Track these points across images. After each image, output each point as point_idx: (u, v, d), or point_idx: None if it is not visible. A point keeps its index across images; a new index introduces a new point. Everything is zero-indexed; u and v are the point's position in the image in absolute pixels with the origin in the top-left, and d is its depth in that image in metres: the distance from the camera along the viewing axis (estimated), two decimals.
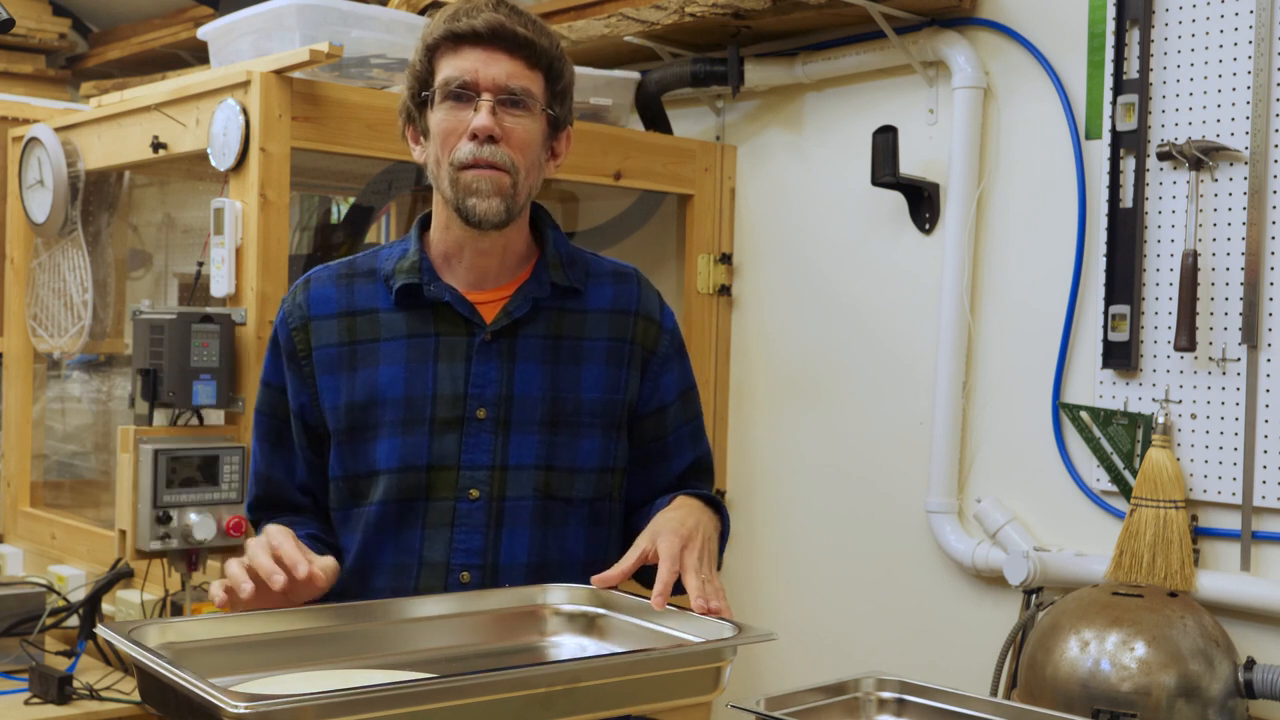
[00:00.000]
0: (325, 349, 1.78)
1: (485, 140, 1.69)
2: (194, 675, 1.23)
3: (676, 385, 1.87)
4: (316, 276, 1.83)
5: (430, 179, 1.76)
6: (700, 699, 1.49)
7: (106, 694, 2.48)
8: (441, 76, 1.71)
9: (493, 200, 1.70)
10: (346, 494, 1.77)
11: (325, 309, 1.79)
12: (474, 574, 1.72)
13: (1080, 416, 2.66)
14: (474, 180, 1.69)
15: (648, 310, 1.86)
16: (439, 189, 1.74)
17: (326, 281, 1.82)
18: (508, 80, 1.70)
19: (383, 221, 3.78)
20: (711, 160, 3.26)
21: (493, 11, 1.70)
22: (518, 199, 1.73)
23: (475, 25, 1.69)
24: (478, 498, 1.73)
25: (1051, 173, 2.73)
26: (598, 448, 1.78)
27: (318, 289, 1.81)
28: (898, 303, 2.99)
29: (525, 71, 1.72)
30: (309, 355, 1.78)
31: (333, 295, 1.80)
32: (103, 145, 2.94)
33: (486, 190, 1.70)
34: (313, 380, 1.78)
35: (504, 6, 1.72)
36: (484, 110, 1.69)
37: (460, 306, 1.76)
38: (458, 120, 1.70)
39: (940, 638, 2.88)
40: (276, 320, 1.82)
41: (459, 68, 1.70)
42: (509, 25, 1.70)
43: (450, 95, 1.71)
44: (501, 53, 1.70)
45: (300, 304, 1.80)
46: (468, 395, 1.74)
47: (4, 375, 3.32)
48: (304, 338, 1.78)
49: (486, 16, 1.70)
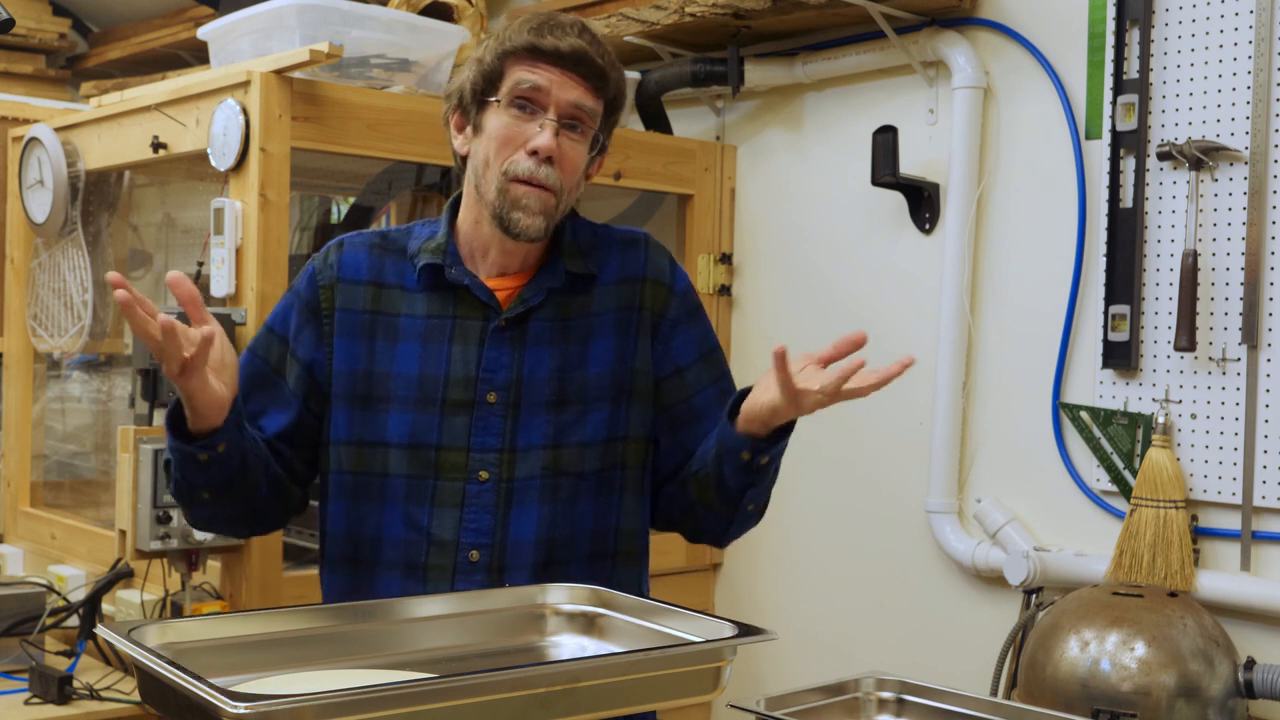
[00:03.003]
0: (348, 313, 1.81)
1: (544, 160, 1.72)
2: (194, 675, 1.23)
3: (695, 347, 1.88)
4: (350, 241, 1.87)
5: (470, 174, 1.78)
6: (700, 699, 1.49)
7: (106, 694, 2.48)
8: (512, 83, 1.73)
9: (537, 219, 1.74)
10: (351, 459, 1.80)
11: (355, 274, 1.83)
12: (483, 552, 1.75)
13: (1080, 416, 2.66)
14: (524, 196, 1.73)
15: (656, 274, 1.87)
16: (481, 190, 1.76)
17: (360, 247, 1.85)
18: (577, 106, 1.73)
19: (383, 221, 3.78)
20: (711, 160, 3.26)
21: (578, 37, 1.73)
22: (555, 218, 1.77)
23: (560, 46, 1.72)
24: (487, 479, 1.76)
25: (1051, 173, 2.73)
26: (605, 419, 1.80)
27: (350, 253, 1.84)
28: (898, 303, 2.98)
29: (593, 99, 1.76)
30: (331, 315, 1.81)
31: (364, 262, 1.84)
32: (103, 145, 2.94)
33: (534, 208, 1.73)
34: (330, 340, 1.81)
35: (588, 34, 1.75)
36: (548, 130, 1.72)
37: (479, 292, 1.79)
38: (519, 131, 1.73)
39: (940, 638, 2.88)
40: (304, 274, 1.86)
41: (534, 81, 1.72)
42: (591, 53, 1.73)
43: (517, 104, 1.73)
44: (577, 78, 1.74)
45: (332, 264, 1.84)
46: (479, 379, 1.77)
47: (4, 375, 3.32)
48: (329, 296, 1.82)
49: (573, 41, 1.73)
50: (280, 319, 1.86)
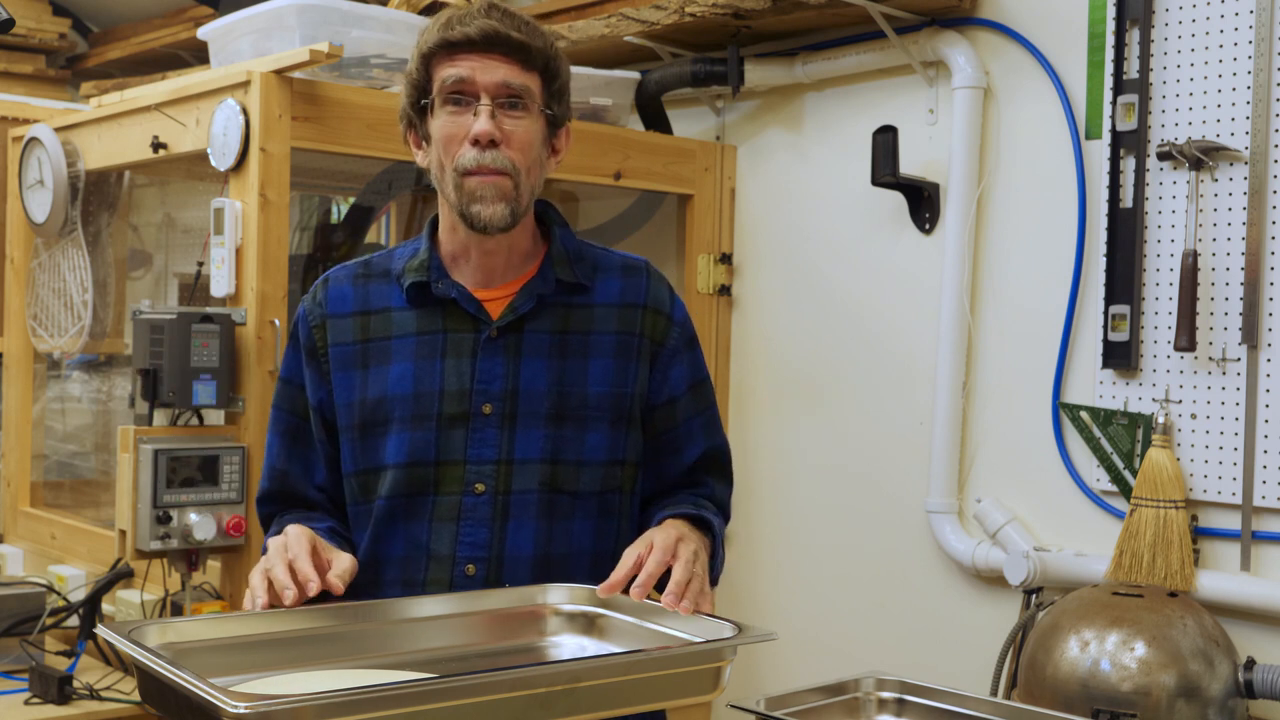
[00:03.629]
0: (340, 346, 1.81)
1: (487, 145, 1.72)
2: (194, 675, 1.23)
3: (687, 378, 1.89)
4: (335, 276, 1.88)
5: (434, 183, 1.78)
6: (700, 699, 1.49)
7: (106, 694, 2.48)
8: (439, 83, 1.74)
9: (497, 206, 1.73)
10: (358, 489, 1.80)
11: (341, 308, 1.83)
12: (479, 566, 1.74)
13: (1080, 416, 2.66)
14: (478, 188, 1.72)
15: (656, 303, 1.87)
16: (443, 194, 1.77)
17: (344, 280, 1.86)
18: (506, 85, 1.73)
19: (383, 221, 3.78)
20: (711, 160, 3.26)
21: (485, 18, 1.73)
22: (521, 201, 1.76)
23: (469, 32, 1.72)
24: (483, 492, 1.75)
25: (1051, 173, 2.73)
26: (605, 441, 1.79)
27: (335, 288, 1.85)
28: (898, 303, 2.98)
29: (521, 74, 1.74)
30: (326, 352, 1.82)
31: (349, 294, 1.84)
32: (103, 145, 2.94)
33: (491, 196, 1.72)
34: (329, 377, 1.82)
35: (496, 11, 1.75)
36: (483, 115, 1.72)
37: (467, 303, 1.78)
38: (458, 125, 1.73)
39: (940, 638, 2.88)
40: (298, 317, 1.87)
41: (456, 74, 1.72)
42: (502, 30, 1.73)
43: (449, 101, 1.74)
44: (497, 57, 1.73)
45: (320, 302, 1.85)
46: (473, 391, 1.76)
47: (4, 375, 3.32)
48: (322, 335, 1.82)
49: (480, 23, 1.72)
50: (291, 368, 1.87)
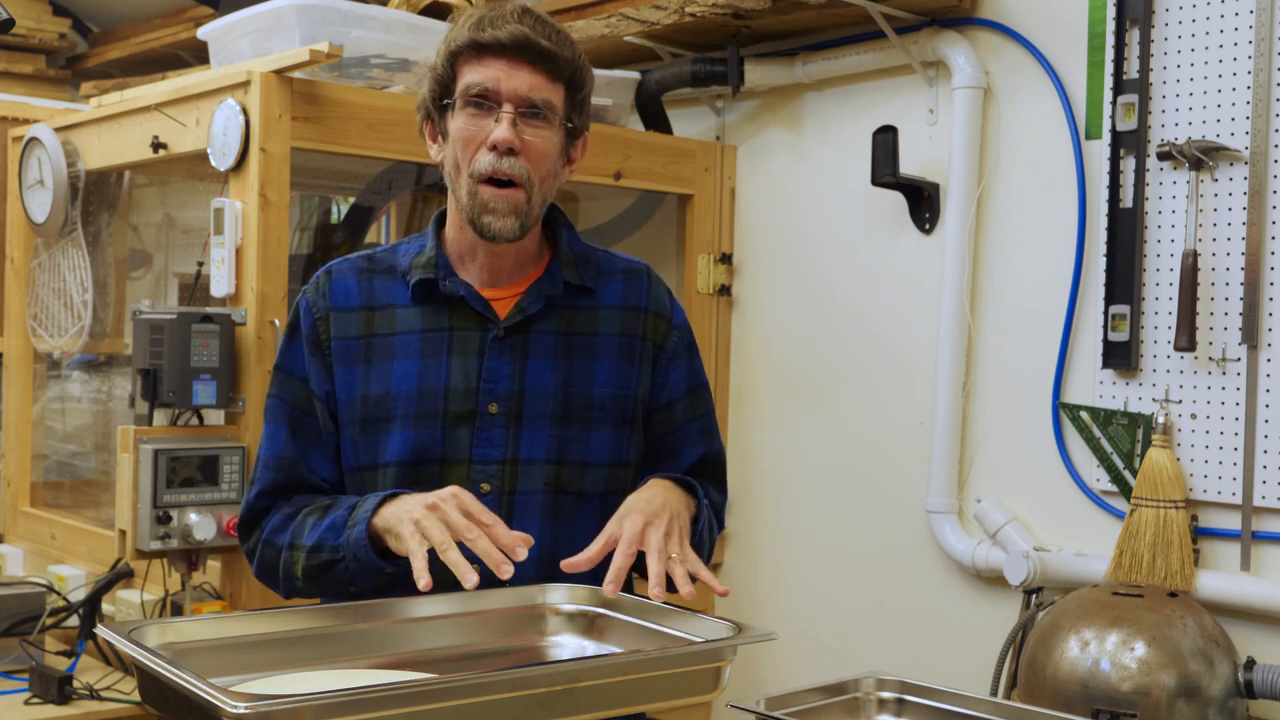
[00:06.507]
0: (344, 340, 1.80)
1: (505, 153, 1.70)
2: (194, 675, 1.23)
3: (685, 382, 1.89)
4: (338, 268, 1.85)
5: (446, 180, 1.77)
6: (700, 699, 1.49)
7: (106, 694, 2.48)
8: (463, 84, 1.72)
9: (508, 219, 1.72)
10: (354, 488, 1.79)
11: (346, 301, 1.81)
12: (483, 565, 1.73)
13: (1080, 416, 2.66)
14: (491, 200, 1.71)
15: (658, 306, 1.87)
16: (455, 194, 1.75)
17: (348, 274, 1.84)
18: (529, 93, 1.71)
19: (383, 221, 3.78)
20: (711, 160, 3.26)
21: (517, 23, 1.71)
22: (532, 213, 1.75)
23: (500, 36, 1.70)
24: (489, 491, 1.75)
25: (1051, 173, 2.73)
26: (609, 442, 1.79)
27: (339, 281, 1.83)
28: (898, 303, 2.98)
29: (547, 84, 1.73)
30: (329, 345, 1.80)
31: (354, 288, 1.82)
32: (103, 145, 2.94)
33: (503, 210, 1.72)
34: (332, 370, 1.80)
35: (529, 17, 1.72)
36: (505, 122, 1.70)
37: (474, 302, 1.77)
38: (478, 129, 1.71)
39: (940, 638, 2.88)
40: (299, 308, 1.84)
41: (482, 77, 1.71)
42: (533, 37, 1.71)
43: (471, 103, 1.72)
44: (525, 64, 1.71)
45: (324, 294, 1.82)
46: (480, 389, 1.76)
47: (4, 375, 3.32)
48: (325, 327, 1.81)
49: (512, 28, 1.70)
50: (290, 359, 1.83)
